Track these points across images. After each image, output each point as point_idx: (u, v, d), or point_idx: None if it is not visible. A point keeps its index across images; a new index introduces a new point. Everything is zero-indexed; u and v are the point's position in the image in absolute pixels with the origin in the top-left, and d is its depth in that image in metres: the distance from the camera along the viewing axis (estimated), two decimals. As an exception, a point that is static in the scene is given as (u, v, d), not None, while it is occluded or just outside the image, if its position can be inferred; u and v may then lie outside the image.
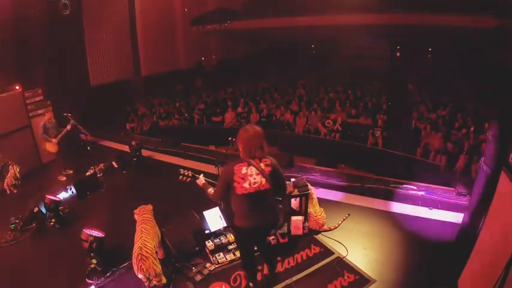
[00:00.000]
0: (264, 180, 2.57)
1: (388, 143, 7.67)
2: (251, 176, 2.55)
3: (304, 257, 3.64)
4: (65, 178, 6.04)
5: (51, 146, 5.80)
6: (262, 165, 2.58)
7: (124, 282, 3.42)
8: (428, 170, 6.54)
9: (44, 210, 4.54)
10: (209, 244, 3.76)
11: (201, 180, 3.10)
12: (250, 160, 2.58)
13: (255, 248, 3.05)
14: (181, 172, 3.24)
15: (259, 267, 3.36)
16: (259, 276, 3.31)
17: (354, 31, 12.48)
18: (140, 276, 2.91)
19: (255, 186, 2.55)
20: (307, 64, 15.74)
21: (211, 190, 2.86)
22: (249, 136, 2.59)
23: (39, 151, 6.54)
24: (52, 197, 4.54)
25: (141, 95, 12.80)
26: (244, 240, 2.92)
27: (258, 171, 2.56)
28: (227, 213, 4.06)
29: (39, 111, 6.62)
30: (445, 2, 9.96)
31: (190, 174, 3.21)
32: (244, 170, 2.56)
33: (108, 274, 3.51)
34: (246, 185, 2.54)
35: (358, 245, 3.80)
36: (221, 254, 3.69)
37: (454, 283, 3.03)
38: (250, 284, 3.20)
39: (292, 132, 8.99)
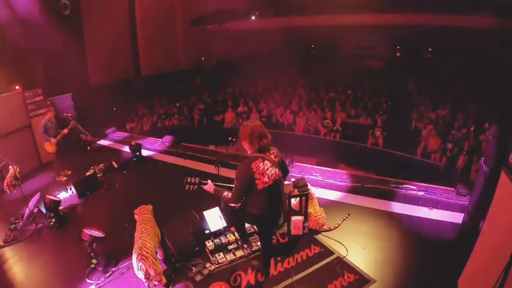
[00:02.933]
0: (277, 170, 2.73)
1: (388, 143, 7.67)
2: (268, 170, 2.67)
3: (304, 257, 3.64)
4: (65, 178, 6.04)
5: (49, 146, 5.80)
6: (272, 156, 2.72)
7: (124, 282, 3.42)
8: (428, 170, 6.54)
9: (44, 210, 4.54)
10: (209, 244, 3.76)
11: (211, 185, 2.97)
12: (262, 155, 2.67)
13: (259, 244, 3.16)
14: (188, 180, 2.99)
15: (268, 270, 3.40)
16: (260, 278, 3.32)
17: (354, 31, 12.48)
18: (140, 276, 2.91)
19: (272, 178, 2.70)
20: (307, 64, 15.72)
21: (227, 194, 2.78)
22: (251, 130, 2.66)
23: (39, 151, 6.54)
24: (52, 197, 4.54)
25: (141, 95, 12.79)
26: (243, 221, 3.10)
27: (271, 163, 2.69)
28: (227, 213, 4.06)
29: (40, 111, 6.62)
30: (445, 2, 9.96)
31: (197, 181, 2.99)
32: (261, 166, 2.65)
33: (108, 274, 3.51)
34: (266, 179, 2.66)
35: (358, 245, 3.80)
36: (221, 254, 3.68)
37: (454, 283, 3.03)
38: (245, 246, 3.42)
39: (292, 132, 8.98)
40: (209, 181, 3.02)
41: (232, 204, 2.82)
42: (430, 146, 7.08)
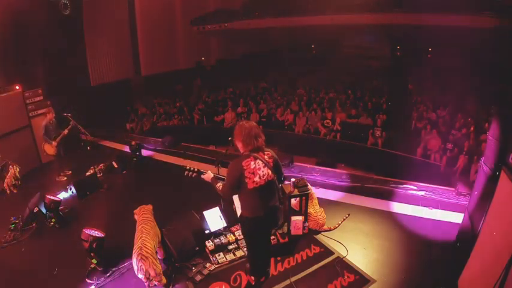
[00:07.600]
0: (270, 171, 2.70)
1: (388, 143, 7.67)
2: (259, 170, 2.66)
3: (304, 257, 3.64)
4: (65, 178, 6.04)
5: (49, 148, 5.80)
6: (266, 157, 2.70)
7: (124, 282, 3.42)
8: (428, 170, 6.54)
9: (44, 210, 4.55)
10: (209, 244, 3.76)
11: (209, 175, 3.05)
12: (255, 154, 2.66)
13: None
14: (187, 167, 3.26)
15: (268, 269, 3.36)
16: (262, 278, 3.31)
17: (354, 31, 12.50)
18: (140, 276, 2.91)
19: (264, 178, 2.67)
20: (307, 64, 15.74)
21: (220, 185, 2.83)
22: (246, 129, 2.67)
23: (39, 151, 6.54)
24: (52, 197, 4.54)
25: (141, 95, 12.80)
26: (252, 230, 2.92)
27: (264, 164, 2.67)
28: (227, 213, 4.06)
29: (40, 111, 6.62)
30: (445, 2, 9.96)
31: (195, 169, 3.21)
32: (252, 165, 2.64)
33: (108, 274, 3.51)
34: (257, 178, 2.65)
35: (358, 245, 3.79)
36: (221, 254, 3.69)
37: (454, 283, 3.03)
38: (252, 278, 3.21)
39: (292, 132, 8.99)
40: (209, 171, 3.11)
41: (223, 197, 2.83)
42: (432, 145, 7.07)
